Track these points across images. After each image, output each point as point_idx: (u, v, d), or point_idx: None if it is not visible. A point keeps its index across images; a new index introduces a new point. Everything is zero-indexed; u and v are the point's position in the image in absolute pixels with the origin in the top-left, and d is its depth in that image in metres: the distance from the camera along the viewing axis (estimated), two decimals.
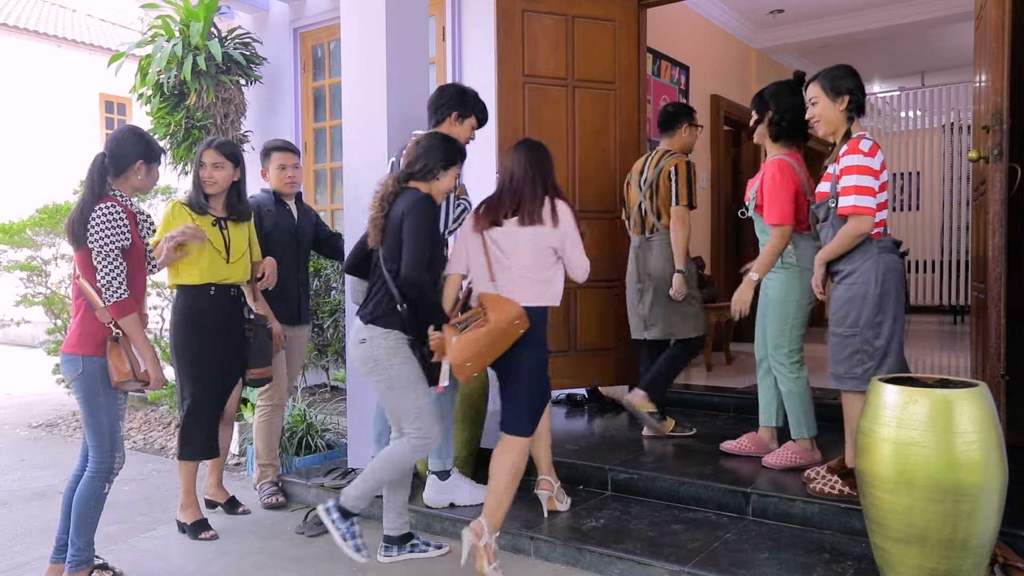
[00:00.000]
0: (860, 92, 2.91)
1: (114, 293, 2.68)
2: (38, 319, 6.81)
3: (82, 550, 2.74)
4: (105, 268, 2.69)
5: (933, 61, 9.08)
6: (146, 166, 2.86)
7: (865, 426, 2.41)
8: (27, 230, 5.71)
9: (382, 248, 2.88)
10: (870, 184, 2.75)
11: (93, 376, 2.68)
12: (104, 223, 2.68)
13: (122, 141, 2.82)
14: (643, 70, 4.94)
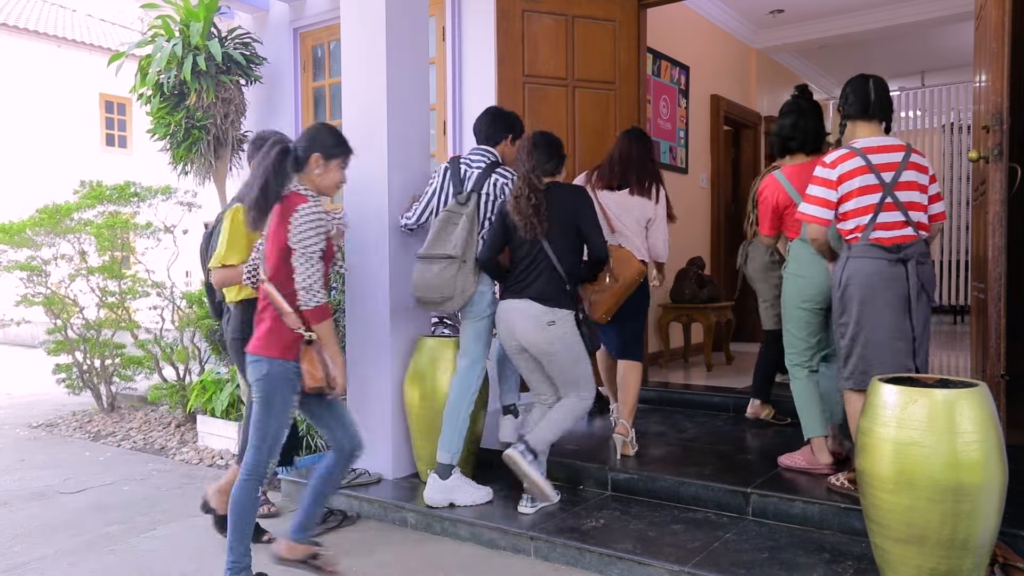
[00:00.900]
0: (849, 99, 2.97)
1: (313, 297, 2.55)
2: (38, 319, 6.82)
3: (243, 555, 2.65)
4: (307, 271, 2.55)
5: (933, 61, 9.08)
6: (323, 160, 2.70)
7: (865, 426, 2.41)
8: (27, 230, 5.71)
9: (544, 238, 3.19)
10: (819, 194, 2.86)
11: (276, 380, 2.58)
12: (311, 224, 2.55)
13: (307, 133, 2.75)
14: (643, 70, 4.95)
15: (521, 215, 3.16)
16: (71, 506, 3.81)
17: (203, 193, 6.24)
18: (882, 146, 2.83)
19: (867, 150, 2.82)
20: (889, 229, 2.78)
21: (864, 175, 2.79)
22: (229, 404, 4.73)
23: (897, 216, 2.77)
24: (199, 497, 3.86)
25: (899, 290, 2.74)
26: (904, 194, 2.78)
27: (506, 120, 3.66)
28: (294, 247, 2.54)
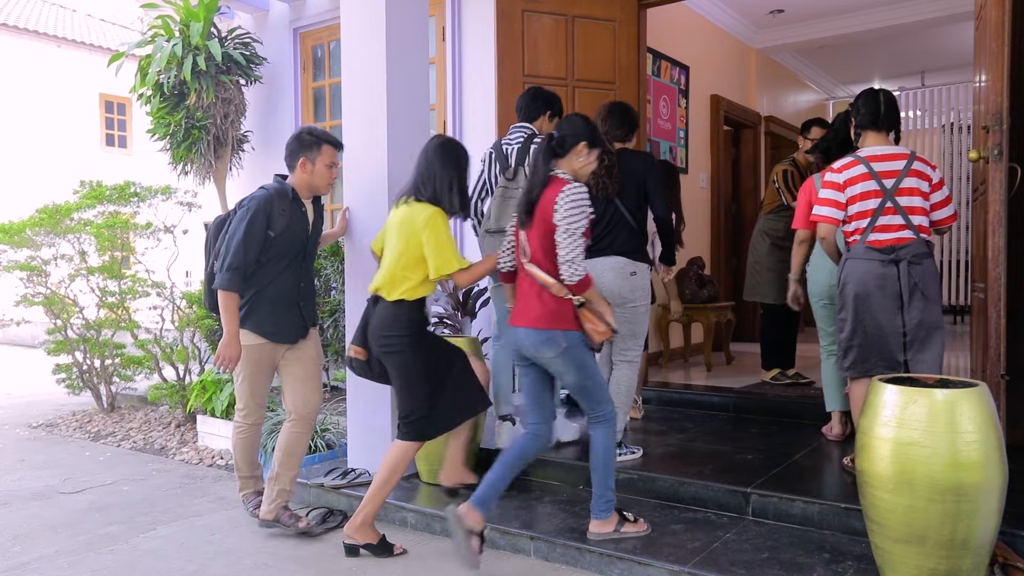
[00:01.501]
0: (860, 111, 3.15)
1: (576, 271, 2.74)
2: (38, 319, 6.81)
3: (611, 497, 2.93)
4: (570, 246, 2.73)
5: (933, 61, 9.08)
6: (588, 148, 2.89)
7: (865, 426, 2.42)
8: (27, 230, 5.71)
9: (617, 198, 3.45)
10: (828, 196, 3.11)
11: (576, 346, 2.80)
12: (577, 203, 2.75)
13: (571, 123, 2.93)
14: (643, 70, 4.95)
15: (595, 175, 3.22)
16: (71, 506, 3.81)
17: (203, 193, 6.24)
18: (885, 154, 3.02)
19: (870, 158, 3.03)
20: (887, 232, 2.97)
21: (865, 181, 3.00)
22: (229, 404, 4.73)
23: (897, 220, 2.96)
24: (200, 497, 3.88)
25: (891, 289, 2.94)
26: (905, 199, 2.96)
27: (545, 98, 3.84)
28: (559, 224, 2.73)
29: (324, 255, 5.54)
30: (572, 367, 2.81)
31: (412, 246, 3.01)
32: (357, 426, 3.87)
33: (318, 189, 3.36)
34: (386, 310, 3.05)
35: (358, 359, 3.16)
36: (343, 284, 4.10)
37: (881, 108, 3.10)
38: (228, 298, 3.15)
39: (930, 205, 3.00)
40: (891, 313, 2.94)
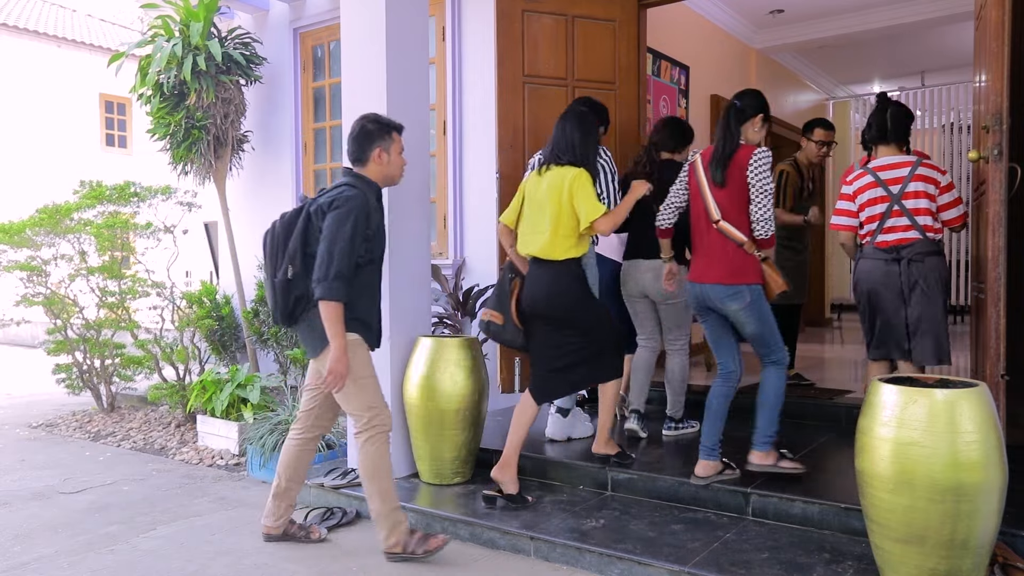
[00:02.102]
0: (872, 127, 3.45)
1: (769, 228, 3.11)
2: (38, 319, 6.81)
3: (773, 433, 3.23)
4: (763, 205, 3.09)
5: (933, 61, 9.07)
6: (762, 121, 3.22)
7: (865, 426, 2.41)
8: (27, 230, 5.71)
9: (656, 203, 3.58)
10: (842, 206, 3.51)
11: (758, 299, 3.14)
12: (767, 166, 3.11)
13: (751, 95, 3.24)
14: (643, 70, 4.94)
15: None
16: (71, 506, 3.81)
17: (203, 193, 6.24)
18: (891, 164, 3.36)
19: (877, 168, 3.39)
20: (893, 232, 3.31)
21: (872, 189, 3.36)
22: (229, 404, 4.73)
23: (903, 221, 3.29)
24: (199, 497, 3.88)
25: (894, 285, 3.29)
26: (911, 202, 3.29)
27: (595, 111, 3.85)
28: (753, 184, 3.09)
29: None
30: (754, 318, 3.15)
31: (566, 206, 3.27)
32: None
33: (393, 180, 3.18)
34: (555, 271, 3.30)
35: (495, 323, 3.40)
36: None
37: (888, 124, 3.39)
38: (335, 308, 2.86)
39: (937, 207, 3.30)
40: (895, 306, 3.31)
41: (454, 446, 3.61)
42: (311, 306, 2.95)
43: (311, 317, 2.97)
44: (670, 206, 3.42)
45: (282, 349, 5.71)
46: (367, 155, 3.07)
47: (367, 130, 3.06)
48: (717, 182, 3.14)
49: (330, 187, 3.07)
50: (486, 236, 5.18)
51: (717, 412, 3.26)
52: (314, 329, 2.97)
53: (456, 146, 5.40)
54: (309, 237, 2.97)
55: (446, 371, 3.58)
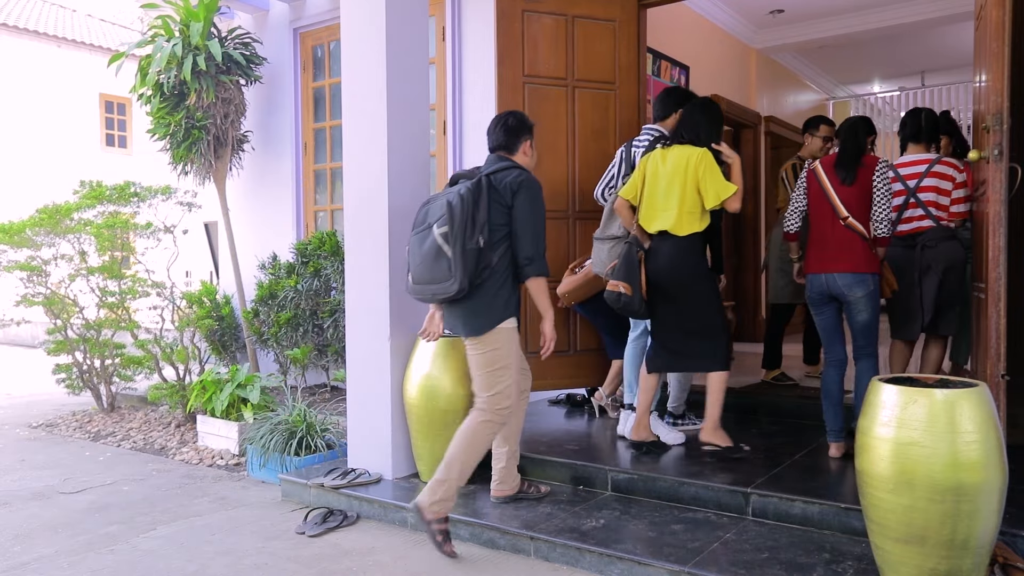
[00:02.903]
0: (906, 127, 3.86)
1: (888, 227, 3.50)
2: (38, 319, 6.82)
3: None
4: (885, 207, 3.48)
5: (933, 61, 9.07)
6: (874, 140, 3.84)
7: (865, 426, 2.42)
8: (27, 230, 5.71)
9: None
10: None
11: (877, 289, 3.50)
12: (889, 175, 3.56)
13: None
14: (643, 70, 4.94)
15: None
16: (71, 506, 3.81)
17: (203, 193, 6.25)
18: (911, 161, 3.76)
19: (899, 165, 3.77)
20: (910, 222, 3.72)
21: (893, 183, 3.69)
22: (229, 404, 4.73)
23: (918, 212, 3.69)
24: (199, 497, 3.88)
25: (910, 269, 3.65)
26: (926, 195, 3.67)
27: (678, 97, 3.95)
28: (877, 189, 3.47)
29: (324, 255, 5.54)
30: (871, 306, 3.48)
31: (691, 184, 3.48)
32: (357, 426, 3.88)
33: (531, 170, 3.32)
34: (680, 245, 3.51)
35: (625, 294, 3.50)
36: (343, 284, 4.11)
37: (921, 125, 3.79)
38: (545, 283, 3.15)
39: (950, 200, 3.64)
40: (910, 287, 3.65)
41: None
42: (491, 276, 3.08)
43: (491, 288, 3.08)
44: (796, 211, 3.71)
45: (282, 349, 5.71)
46: (517, 146, 3.29)
47: (513, 124, 3.30)
48: (847, 183, 3.49)
49: (497, 165, 3.18)
50: None
51: (837, 398, 3.56)
52: (488, 303, 3.07)
53: (456, 146, 5.40)
54: (492, 211, 3.10)
55: (446, 371, 3.58)
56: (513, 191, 3.09)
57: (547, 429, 4.28)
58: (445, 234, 3.00)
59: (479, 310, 3.07)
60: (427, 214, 3.13)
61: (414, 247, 3.13)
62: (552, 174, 4.58)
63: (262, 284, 5.76)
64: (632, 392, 4.01)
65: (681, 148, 3.56)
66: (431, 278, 3.05)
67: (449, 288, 3.00)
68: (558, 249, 4.61)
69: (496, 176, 3.12)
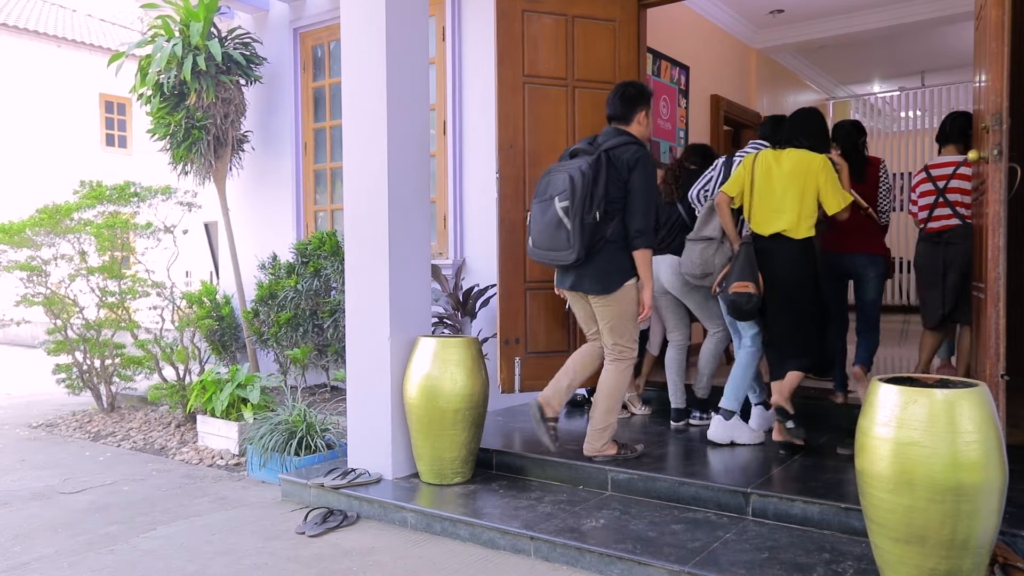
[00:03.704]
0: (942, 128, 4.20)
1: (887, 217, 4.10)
2: (38, 319, 6.82)
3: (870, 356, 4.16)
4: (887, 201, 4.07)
5: (933, 61, 9.08)
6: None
7: (865, 426, 2.41)
8: (27, 230, 5.71)
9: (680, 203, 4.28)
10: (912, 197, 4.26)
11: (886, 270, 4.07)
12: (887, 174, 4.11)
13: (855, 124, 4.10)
14: (643, 70, 4.94)
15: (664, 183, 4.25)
16: (71, 506, 3.81)
17: (203, 193, 6.25)
18: (942, 163, 4.04)
19: (931, 166, 4.08)
20: (938, 220, 4.01)
21: (925, 183, 4.09)
22: (229, 404, 4.73)
23: (946, 211, 3.98)
24: (199, 497, 3.88)
25: (936, 264, 3.96)
26: (953, 195, 3.95)
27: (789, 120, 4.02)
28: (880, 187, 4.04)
29: (324, 255, 5.54)
30: (879, 285, 4.05)
31: (811, 188, 3.55)
32: (357, 426, 3.88)
33: (647, 139, 3.57)
34: (797, 248, 3.57)
35: (750, 293, 3.53)
36: (343, 284, 4.11)
37: (947, 128, 4.08)
38: (650, 254, 3.46)
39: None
40: (934, 281, 3.98)
41: (454, 446, 3.61)
42: (607, 245, 3.37)
43: (607, 255, 3.39)
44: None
45: (282, 349, 5.71)
46: (632, 116, 3.49)
47: (631, 94, 3.48)
48: (859, 181, 3.94)
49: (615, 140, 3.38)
50: (486, 236, 5.18)
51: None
52: (608, 268, 3.39)
53: (456, 146, 5.41)
54: (609, 186, 3.33)
55: (446, 371, 3.58)
56: (630, 167, 3.32)
57: None
58: (566, 208, 3.28)
59: (601, 274, 3.41)
60: (548, 185, 3.41)
61: (536, 215, 3.43)
62: None
63: (262, 284, 5.77)
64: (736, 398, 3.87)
65: (798, 152, 3.59)
66: (551, 246, 3.39)
67: (568, 257, 3.35)
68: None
69: (615, 152, 3.35)
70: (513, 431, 4.27)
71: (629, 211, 3.36)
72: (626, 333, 3.51)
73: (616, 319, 3.48)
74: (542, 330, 4.58)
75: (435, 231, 5.60)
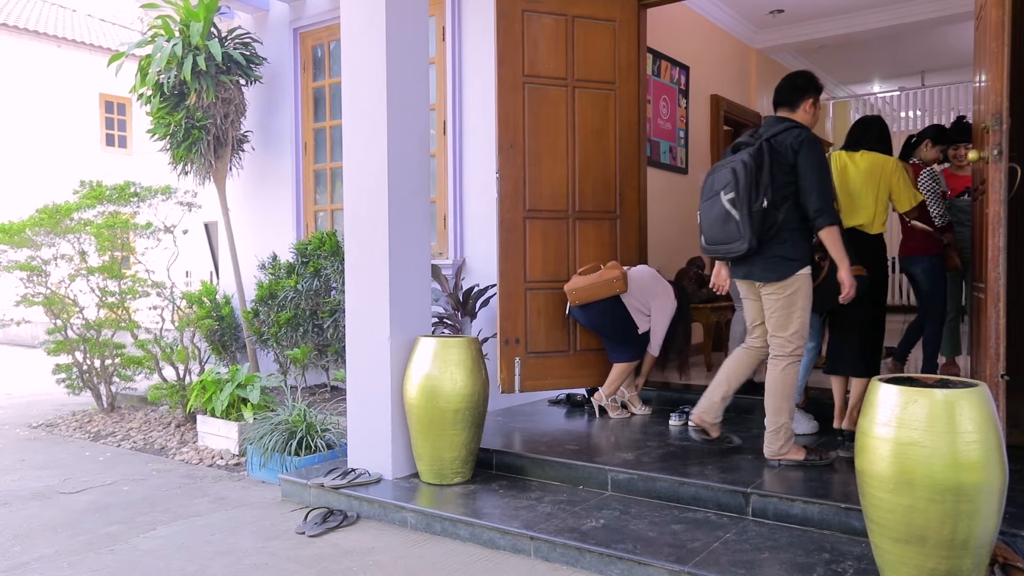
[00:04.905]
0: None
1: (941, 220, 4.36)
2: (38, 319, 6.82)
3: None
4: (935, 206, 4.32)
5: (933, 61, 9.07)
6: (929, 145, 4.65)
7: (865, 426, 2.41)
8: (27, 230, 5.71)
9: None
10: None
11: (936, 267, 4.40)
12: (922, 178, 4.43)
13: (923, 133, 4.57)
14: (643, 70, 4.94)
15: None
16: (71, 506, 3.81)
17: (203, 193, 6.25)
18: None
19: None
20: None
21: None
22: (229, 404, 4.73)
23: None
24: (199, 497, 3.88)
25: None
26: None
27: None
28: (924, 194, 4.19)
29: (324, 255, 5.54)
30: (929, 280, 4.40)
31: (884, 188, 3.73)
32: (357, 426, 3.88)
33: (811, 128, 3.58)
34: (871, 244, 3.73)
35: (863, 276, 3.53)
36: (343, 284, 4.10)
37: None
38: (837, 231, 3.35)
39: None
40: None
41: (454, 446, 3.61)
42: (779, 232, 3.33)
43: (780, 242, 3.34)
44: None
45: (282, 349, 5.71)
46: (799, 103, 3.51)
47: (800, 83, 3.52)
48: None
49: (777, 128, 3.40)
50: (486, 236, 5.18)
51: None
52: (780, 255, 3.34)
53: (456, 146, 5.41)
54: (775, 172, 3.30)
55: (446, 371, 3.58)
56: (795, 150, 3.32)
57: (547, 429, 4.28)
58: (732, 199, 3.28)
59: (774, 262, 3.35)
60: (712, 183, 3.42)
61: (705, 213, 3.45)
62: (552, 174, 4.59)
63: (262, 284, 5.77)
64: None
65: (872, 155, 3.79)
66: (723, 239, 3.37)
67: (740, 247, 3.31)
68: (558, 249, 4.61)
69: (776, 139, 3.35)
70: (513, 431, 4.27)
71: (803, 192, 3.32)
72: (791, 326, 3.39)
73: (783, 309, 3.39)
74: (542, 330, 4.58)
75: (435, 231, 5.60)
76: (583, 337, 4.68)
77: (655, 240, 5.48)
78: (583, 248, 4.63)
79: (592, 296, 4.35)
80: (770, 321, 3.45)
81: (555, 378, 4.62)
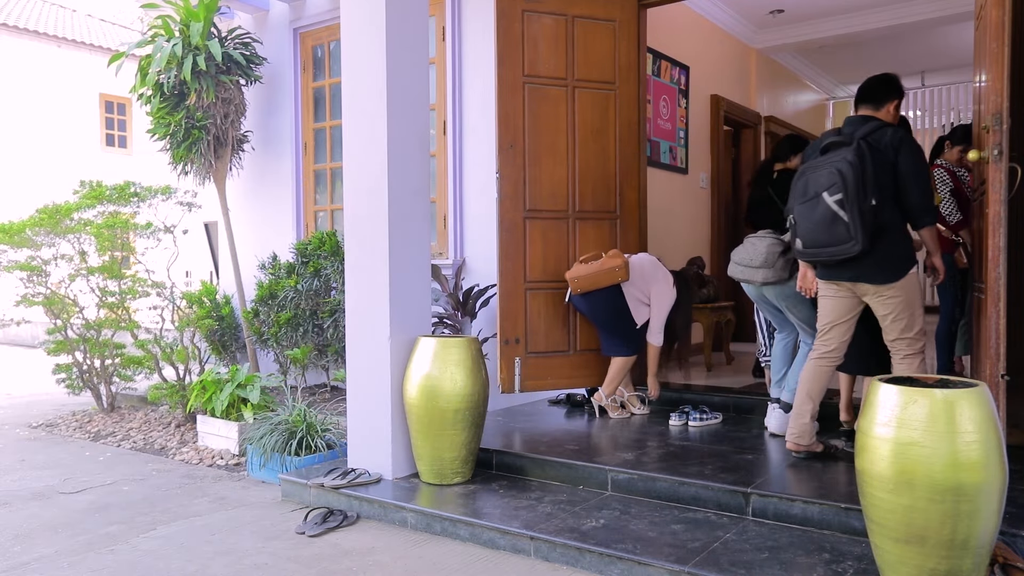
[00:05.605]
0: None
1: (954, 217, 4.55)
2: (38, 319, 6.82)
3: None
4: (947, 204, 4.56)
5: (933, 61, 9.07)
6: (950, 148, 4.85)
7: (864, 426, 2.41)
8: (27, 230, 5.71)
9: None
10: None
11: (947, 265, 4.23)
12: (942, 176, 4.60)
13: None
14: (643, 70, 4.94)
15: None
16: (71, 506, 3.81)
17: (203, 193, 6.25)
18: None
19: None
20: None
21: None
22: (229, 404, 4.73)
23: None
24: (199, 497, 3.88)
25: None
26: None
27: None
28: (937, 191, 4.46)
29: (324, 255, 5.54)
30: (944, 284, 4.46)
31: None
32: (357, 426, 3.88)
33: None
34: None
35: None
36: (343, 284, 4.10)
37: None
38: (936, 230, 3.45)
39: None
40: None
41: (454, 446, 3.61)
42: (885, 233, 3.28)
43: (888, 242, 3.29)
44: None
45: (282, 349, 5.71)
46: (885, 102, 3.49)
47: (891, 83, 3.53)
48: None
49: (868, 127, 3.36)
50: (486, 236, 5.19)
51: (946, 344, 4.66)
52: (891, 255, 3.30)
53: (456, 146, 5.41)
54: (878, 171, 3.27)
55: (446, 371, 3.58)
56: (895, 148, 3.29)
57: (547, 429, 4.29)
58: (840, 200, 3.22)
59: (885, 263, 3.30)
60: (807, 184, 3.35)
61: (803, 216, 3.36)
62: (552, 174, 4.59)
63: (262, 284, 5.77)
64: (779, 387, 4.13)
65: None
66: (829, 241, 3.28)
67: (851, 249, 3.22)
68: (558, 249, 4.61)
69: (872, 137, 3.31)
70: (513, 431, 4.27)
71: (905, 192, 3.29)
72: (914, 324, 3.37)
73: (906, 309, 3.34)
74: (542, 330, 4.59)
75: (435, 231, 5.60)
76: (583, 337, 4.68)
77: (655, 240, 5.48)
78: (583, 248, 4.63)
79: (594, 284, 4.36)
80: (894, 325, 3.37)
81: (555, 378, 4.63)
